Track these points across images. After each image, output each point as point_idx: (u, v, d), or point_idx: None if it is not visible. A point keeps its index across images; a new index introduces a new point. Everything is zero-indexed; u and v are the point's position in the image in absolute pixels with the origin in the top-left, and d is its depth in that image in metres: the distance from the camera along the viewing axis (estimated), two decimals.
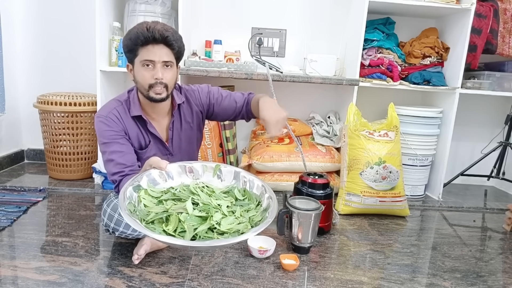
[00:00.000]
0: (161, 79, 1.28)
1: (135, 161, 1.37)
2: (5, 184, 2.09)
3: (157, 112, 1.42)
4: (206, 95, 1.50)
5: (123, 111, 1.37)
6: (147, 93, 1.30)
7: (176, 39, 1.29)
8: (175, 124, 1.46)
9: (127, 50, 1.30)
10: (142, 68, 1.28)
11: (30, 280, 1.21)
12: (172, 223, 1.02)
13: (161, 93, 1.30)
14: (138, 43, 1.25)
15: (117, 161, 1.32)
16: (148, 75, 1.28)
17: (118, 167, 1.32)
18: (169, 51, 1.29)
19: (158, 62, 1.27)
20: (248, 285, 1.25)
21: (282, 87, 2.49)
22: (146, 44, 1.26)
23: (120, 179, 1.32)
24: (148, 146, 1.43)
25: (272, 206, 1.11)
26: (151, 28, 1.24)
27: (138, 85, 1.33)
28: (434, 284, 1.36)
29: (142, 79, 1.29)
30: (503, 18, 2.28)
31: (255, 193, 1.22)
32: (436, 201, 2.31)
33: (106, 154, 1.34)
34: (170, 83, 1.32)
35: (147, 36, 1.24)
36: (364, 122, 2.02)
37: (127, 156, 1.34)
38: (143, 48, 1.26)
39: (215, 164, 1.30)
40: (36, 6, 2.39)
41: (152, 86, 1.28)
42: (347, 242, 1.66)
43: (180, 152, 1.51)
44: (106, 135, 1.33)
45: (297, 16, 2.49)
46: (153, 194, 1.13)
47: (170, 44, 1.28)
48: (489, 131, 2.64)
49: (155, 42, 1.26)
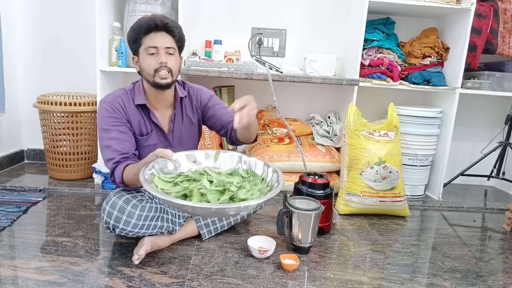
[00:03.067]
0: (165, 63, 1.35)
1: (131, 149, 1.40)
2: (5, 184, 2.09)
3: (160, 102, 1.47)
4: (207, 96, 1.57)
5: (127, 100, 1.43)
6: (153, 79, 1.36)
7: (176, 26, 1.38)
8: (177, 117, 1.51)
9: (131, 42, 1.38)
10: (147, 56, 1.35)
11: (30, 280, 1.21)
12: (195, 197, 1.08)
13: (166, 77, 1.36)
14: (142, 31, 1.34)
15: (113, 147, 1.36)
16: (153, 61, 1.35)
17: (113, 153, 1.36)
18: (171, 38, 1.37)
19: (161, 48, 1.35)
20: (248, 285, 1.25)
21: (282, 87, 2.49)
22: (149, 32, 1.34)
23: (113, 166, 1.35)
24: (150, 134, 1.47)
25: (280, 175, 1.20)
26: (152, 17, 1.35)
27: (144, 73, 1.39)
28: (434, 284, 1.36)
29: (147, 65, 1.35)
30: (503, 18, 2.28)
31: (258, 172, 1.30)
32: (436, 201, 2.31)
33: (104, 141, 1.37)
34: (174, 69, 1.39)
35: (149, 24, 1.33)
36: (364, 122, 2.02)
37: (124, 144, 1.38)
38: (146, 37, 1.35)
39: (215, 151, 1.37)
40: (36, 6, 2.39)
41: (157, 70, 1.35)
42: (347, 242, 1.66)
43: (180, 145, 1.54)
44: (107, 121, 1.38)
45: (297, 16, 2.49)
46: (166, 179, 1.18)
47: (171, 30, 1.37)
48: (489, 131, 2.64)
49: (157, 29, 1.35)
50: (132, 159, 1.39)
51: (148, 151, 1.44)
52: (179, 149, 1.50)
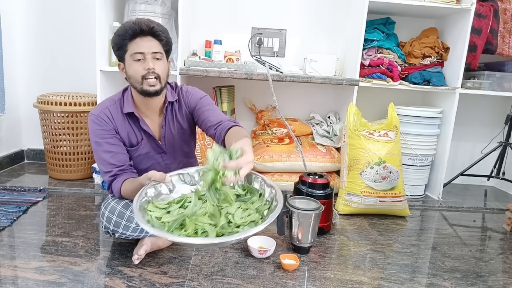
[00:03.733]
0: (153, 69, 1.29)
1: (126, 161, 1.39)
2: (5, 184, 2.09)
3: (150, 109, 1.42)
4: (196, 99, 1.46)
5: (115, 110, 1.39)
6: (141, 87, 1.31)
7: (162, 30, 1.32)
8: (167, 122, 1.45)
9: (116, 48, 1.32)
10: (134, 62, 1.29)
11: (30, 280, 1.21)
12: (190, 226, 1.03)
13: (155, 85, 1.31)
14: (127, 37, 1.28)
15: (108, 161, 1.35)
16: (140, 67, 1.29)
17: (109, 167, 1.35)
18: (157, 43, 1.32)
19: (148, 54, 1.29)
20: (248, 285, 1.25)
21: (282, 87, 2.49)
22: (134, 38, 1.28)
23: (110, 179, 1.36)
24: (141, 144, 1.43)
25: (277, 193, 1.13)
26: (137, 21, 1.28)
27: (131, 80, 1.33)
28: (434, 284, 1.36)
29: (134, 72, 1.30)
30: (503, 18, 2.28)
31: (255, 187, 1.23)
32: (436, 201, 2.31)
33: (98, 153, 1.37)
34: (162, 75, 1.33)
35: (134, 29, 1.27)
36: (364, 122, 2.02)
37: (118, 156, 1.37)
38: (131, 42, 1.29)
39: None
40: (36, 6, 2.39)
41: (145, 77, 1.29)
42: (347, 242, 1.66)
43: (174, 151, 1.50)
44: (98, 134, 1.36)
45: (297, 16, 2.49)
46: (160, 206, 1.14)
47: (157, 35, 1.31)
48: (489, 131, 2.64)
49: (142, 34, 1.28)
50: (129, 171, 1.38)
51: (139, 160, 1.45)
52: (173, 154, 1.50)
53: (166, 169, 1.50)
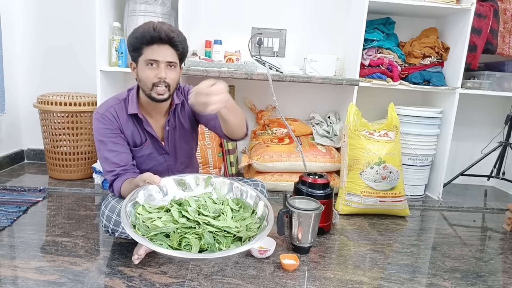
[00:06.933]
0: (165, 79, 1.28)
1: (129, 160, 1.39)
2: (5, 184, 2.09)
3: (156, 110, 1.43)
4: None
5: (120, 109, 1.39)
6: (149, 93, 1.31)
7: (181, 41, 1.31)
8: (170, 123, 1.46)
9: (132, 49, 1.31)
10: (146, 67, 1.29)
11: (30, 280, 1.21)
12: (174, 238, 1.04)
13: (163, 93, 1.31)
14: (144, 42, 1.26)
15: (111, 160, 1.36)
16: (152, 74, 1.28)
17: (112, 166, 1.36)
18: (174, 52, 1.30)
19: (162, 62, 1.28)
20: (248, 285, 1.25)
21: (282, 87, 2.49)
22: (151, 44, 1.27)
23: (112, 178, 1.36)
24: (144, 145, 1.44)
25: (270, 214, 1.14)
26: (157, 28, 1.25)
27: (141, 83, 1.34)
28: (434, 284, 1.36)
29: (146, 78, 1.29)
30: (503, 18, 2.28)
31: (248, 203, 1.25)
32: (436, 201, 2.31)
33: (101, 152, 1.37)
34: (172, 84, 1.33)
35: (153, 36, 1.25)
36: (364, 122, 2.02)
37: (121, 156, 1.37)
38: (148, 48, 1.27)
39: (206, 175, 1.33)
40: (36, 6, 2.39)
41: (155, 85, 1.29)
42: (347, 242, 1.66)
43: (176, 152, 1.51)
44: (102, 133, 1.36)
45: (297, 16, 2.49)
46: (150, 210, 1.16)
47: (175, 45, 1.29)
48: (489, 131, 2.64)
49: (160, 42, 1.26)
50: (132, 170, 1.39)
51: (142, 160, 1.45)
52: (175, 156, 1.51)
53: (168, 170, 1.51)
